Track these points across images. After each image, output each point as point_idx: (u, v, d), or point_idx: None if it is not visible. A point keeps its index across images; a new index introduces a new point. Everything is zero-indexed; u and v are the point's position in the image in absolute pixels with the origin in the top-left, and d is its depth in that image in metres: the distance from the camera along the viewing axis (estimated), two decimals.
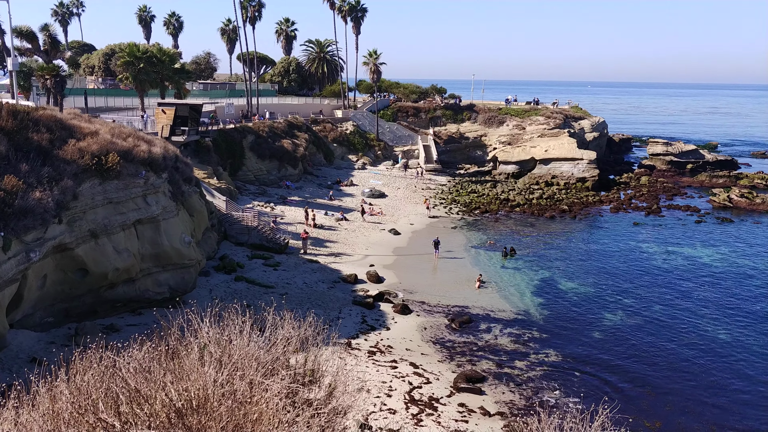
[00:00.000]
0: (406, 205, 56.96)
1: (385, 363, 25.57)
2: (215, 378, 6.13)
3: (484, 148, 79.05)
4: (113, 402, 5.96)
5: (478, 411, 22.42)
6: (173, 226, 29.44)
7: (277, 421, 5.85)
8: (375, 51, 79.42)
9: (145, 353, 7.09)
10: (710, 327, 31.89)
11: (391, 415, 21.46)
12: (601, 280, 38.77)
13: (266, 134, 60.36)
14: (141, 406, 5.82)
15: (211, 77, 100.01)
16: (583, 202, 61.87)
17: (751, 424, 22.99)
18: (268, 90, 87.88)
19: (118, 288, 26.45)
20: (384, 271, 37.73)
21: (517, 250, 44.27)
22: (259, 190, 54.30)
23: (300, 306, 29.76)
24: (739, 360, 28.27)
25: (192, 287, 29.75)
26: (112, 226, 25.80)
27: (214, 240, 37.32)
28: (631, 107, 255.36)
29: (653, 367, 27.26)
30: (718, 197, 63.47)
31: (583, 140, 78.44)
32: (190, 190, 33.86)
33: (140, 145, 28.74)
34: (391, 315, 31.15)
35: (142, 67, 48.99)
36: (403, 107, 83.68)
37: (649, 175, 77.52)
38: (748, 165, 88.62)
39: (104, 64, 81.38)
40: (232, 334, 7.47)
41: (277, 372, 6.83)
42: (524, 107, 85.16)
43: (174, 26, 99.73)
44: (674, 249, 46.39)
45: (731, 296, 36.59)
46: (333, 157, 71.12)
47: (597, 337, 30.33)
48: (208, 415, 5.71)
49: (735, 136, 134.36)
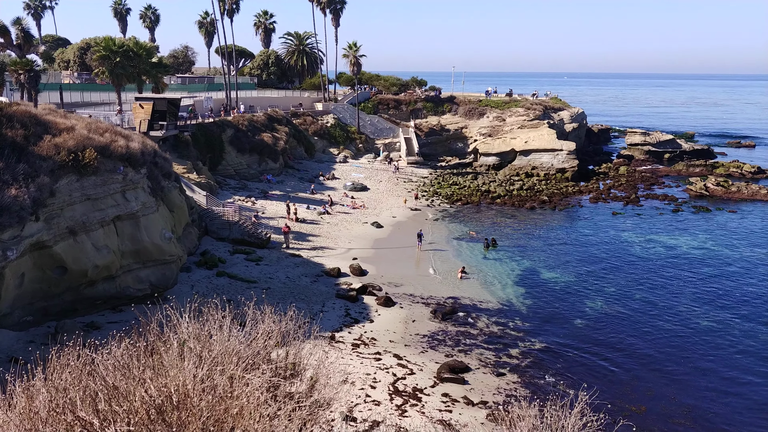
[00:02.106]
0: (388, 197, 56.98)
1: (369, 355, 25.63)
2: (195, 373, 6.10)
3: (465, 140, 79.25)
4: (91, 400, 5.90)
5: (462, 400, 22.58)
6: (153, 221, 29.16)
7: (258, 415, 5.84)
8: (355, 43, 79.17)
9: (123, 350, 7.02)
10: (690, 313, 32.39)
11: (375, 406, 21.53)
12: (582, 270, 39.17)
13: (246, 128, 59.95)
14: (120, 403, 5.77)
15: (189, 71, 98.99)
16: (562, 193, 62.36)
17: (732, 406, 23.42)
18: (248, 83, 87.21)
19: (98, 285, 26.15)
20: (367, 264, 37.75)
21: (498, 241, 44.53)
22: (240, 184, 53.96)
23: (283, 300, 29.69)
24: (718, 344, 28.75)
25: (173, 283, 29.53)
26: (90, 222, 25.49)
27: (194, 235, 37.05)
28: (610, 98, 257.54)
29: (635, 353, 27.64)
30: (695, 186, 64.34)
31: (563, 131, 78.95)
32: (170, 186, 33.54)
33: (118, 140, 28.37)
34: (375, 307, 31.20)
35: (118, 61, 48.31)
36: (384, 100, 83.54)
37: (628, 164, 78.35)
38: (723, 154, 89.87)
39: (79, 58, 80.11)
40: (213, 329, 7.44)
41: (258, 366, 6.82)
42: (504, 99, 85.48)
43: (150, 19, 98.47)
44: (653, 238, 46.99)
45: (710, 283, 37.17)
46: (314, 151, 70.84)
47: (579, 325, 30.66)
48: (188, 410, 5.67)
49: (711, 126, 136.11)
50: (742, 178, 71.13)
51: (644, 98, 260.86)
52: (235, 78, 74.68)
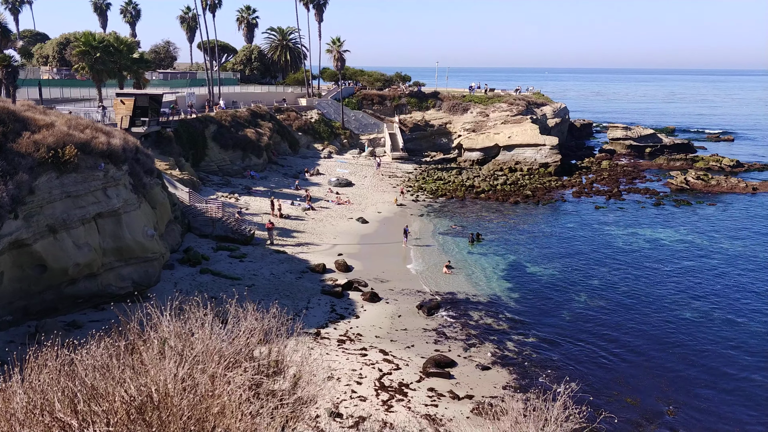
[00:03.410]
0: (373, 193, 56.92)
1: (355, 351, 25.61)
2: (176, 372, 6.03)
3: (449, 135, 79.38)
4: (70, 400, 5.80)
5: (448, 395, 22.65)
6: (135, 219, 28.87)
7: (240, 413, 5.78)
8: (338, 38, 78.89)
9: (103, 349, 6.92)
10: (674, 305, 32.74)
11: (361, 402, 21.52)
12: (567, 263, 39.43)
13: (229, 124, 59.53)
14: (99, 403, 5.68)
15: (171, 66, 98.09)
16: (546, 187, 62.69)
17: (717, 395, 23.73)
18: (230, 79, 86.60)
19: (80, 283, 25.85)
20: (352, 259, 37.69)
21: (483, 235, 44.70)
22: (223, 180, 53.60)
23: (268, 297, 29.56)
24: (703, 335, 29.06)
25: (156, 281, 29.28)
26: (71, 220, 25.17)
27: (177, 232, 36.75)
28: (592, 93, 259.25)
29: (621, 345, 27.87)
30: (676, 180, 65.00)
31: (546, 126, 79.33)
32: (152, 182, 33.21)
33: (99, 136, 28.01)
34: (361, 303, 31.17)
35: (98, 57, 47.69)
36: (368, 95, 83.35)
37: (610, 159, 78.96)
38: (703, 148, 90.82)
39: (59, 53, 79.05)
40: (194, 327, 7.36)
41: (240, 364, 6.76)
42: (487, 94, 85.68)
43: (131, 14, 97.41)
44: (636, 231, 47.41)
45: (691, 275, 37.59)
46: (298, 146, 70.55)
47: (565, 317, 30.87)
48: (169, 410, 5.60)
49: (692, 121, 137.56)
50: (721, 171, 72.03)
51: (625, 93, 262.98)
52: (218, 73, 74.09)
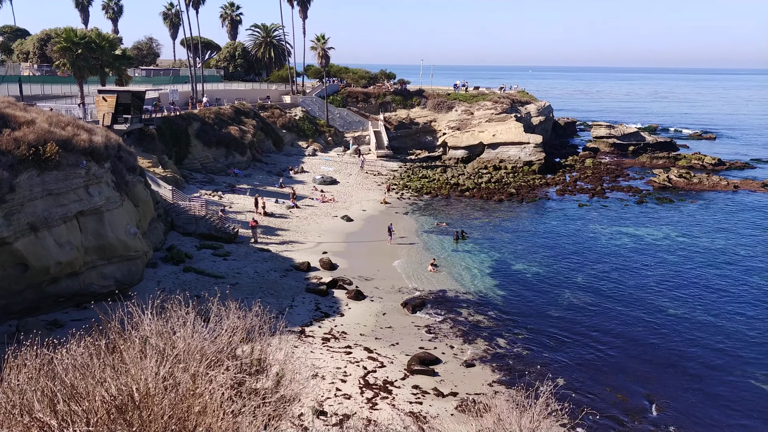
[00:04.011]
0: (358, 191, 56.88)
1: (340, 349, 25.60)
2: (157, 371, 5.99)
3: (434, 133, 79.54)
4: (49, 400, 5.74)
5: (432, 392, 22.72)
6: (118, 217, 28.59)
7: (221, 412, 5.76)
8: (323, 35, 78.72)
9: (83, 348, 6.86)
10: (657, 302, 33.10)
11: (346, 400, 21.53)
12: (551, 261, 39.69)
13: (212, 121, 59.15)
14: (79, 403, 5.63)
15: (153, 63, 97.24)
16: (530, 185, 63.04)
17: (701, 392, 24.03)
18: (214, 76, 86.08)
19: (62, 282, 25.56)
20: (337, 258, 37.64)
21: (468, 233, 44.85)
22: (207, 178, 53.27)
23: (252, 295, 29.47)
24: (685, 331, 29.41)
25: (139, 279, 29.04)
26: (52, 218, 24.87)
27: (160, 230, 36.48)
28: (576, 91, 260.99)
29: (604, 342, 28.10)
30: (659, 178, 65.69)
31: (530, 124, 79.75)
32: (135, 180, 32.92)
33: (80, 134, 27.69)
34: (345, 301, 31.15)
35: (80, 53, 47.11)
36: (353, 93, 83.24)
37: (593, 157, 79.53)
38: (686, 147, 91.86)
39: (39, 50, 78.03)
40: (176, 325, 7.31)
41: (223, 363, 6.73)
42: (472, 92, 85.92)
43: (113, 10, 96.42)
44: (619, 229, 47.84)
45: (675, 271, 38.03)
46: (282, 144, 70.28)
47: (550, 314, 31.08)
48: (150, 409, 5.56)
49: (674, 119, 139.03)
50: (703, 169, 72.90)
51: (609, 92, 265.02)
52: (201, 70, 73.58)
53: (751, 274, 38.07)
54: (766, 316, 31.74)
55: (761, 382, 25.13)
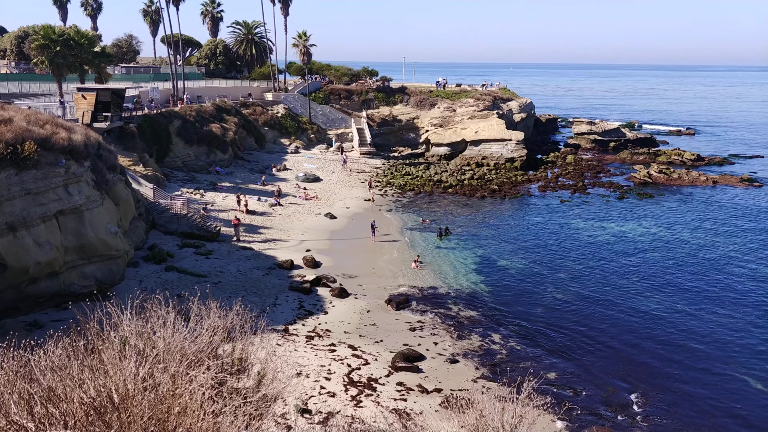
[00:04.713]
0: (341, 188, 56.79)
1: (324, 347, 25.57)
2: (136, 372, 5.93)
3: (417, 130, 79.61)
4: (26, 402, 5.66)
5: (416, 389, 22.78)
6: (98, 216, 28.29)
7: (202, 412, 5.72)
8: (305, 33, 78.37)
9: (61, 350, 6.77)
10: (639, 296, 33.48)
11: (330, 398, 21.52)
12: (534, 256, 39.95)
13: (194, 119, 58.69)
14: (56, 405, 5.56)
15: (133, 61, 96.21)
16: (512, 182, 63.37)
17: (684, 386, 24.35)
18: (195, 73, 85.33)
19: (41, 282, 25.24)
20: (321, 255, 37.57)
21: (451, 230, 44.99)
22: (188, 176, 52.86)
23: (234, 294, 29.32)
24: (667, 324, 29.77)
25: (120, 279, 28.77)
26: (31, 218, 24.54)
27: (142, 229, 36.16)
28: (558, 88, 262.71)
29: (587, 336, 28.35)
30: (639, 174, 66.36)
31: (512, 121, 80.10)
32: (115, 179, 32.59)
33: (59, 132, 27.35)
34: (329, 299, 31.11)
35: (58, 51, 46.51)
36: (336, 90, 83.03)
37: (575, 153, 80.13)
38: (665, 143, 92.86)
39: (17, 47, 76.81)
40: (156, 325, 7.25)
41: (203, 363, 6.68)
42: (454, 89, 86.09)
43: (92, 7, 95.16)
44: (601, 224, 48.27)
45: (655, 266, 38.45)
46: (264, 141, 69.92)
47: (532, 310, 31.27)
48: (129, 410, 5.51)
49: (654, 116, 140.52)
50: (683, 165, 73.72)
51: (589, 88, 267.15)
52: (182, 68, 72.95)
53: (731, 266, 38.64)
54: (744, 307, 32.24)
55: (742, 373, 25.52)
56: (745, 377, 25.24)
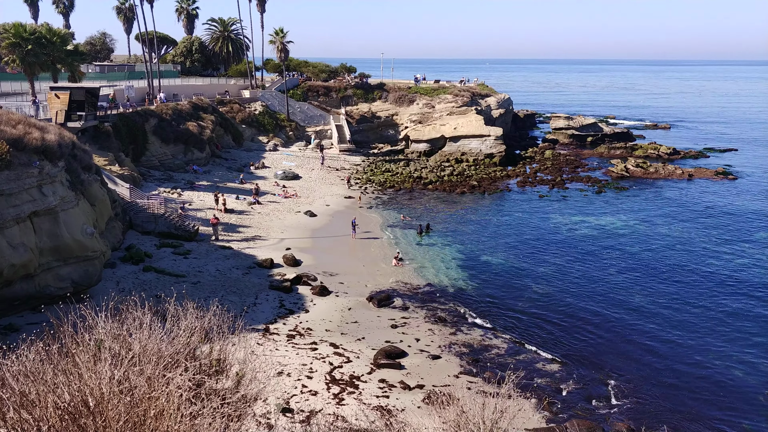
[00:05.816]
0: (321, 186, 56.57)
1: (305, 345, 25.46)
2: (111, 375, 5.81)
3: (396, 127, 79.59)
4: None
5: (399, 385, 22.78)
6: (73, 216, 27.84)
7: (179, 414, 5.63)
8: (282, 29, 77.92)
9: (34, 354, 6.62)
10: (619, 289, 33.88)
11: (312, 396, 21.42)
12: (515, 251, 40.18)
13: (170, 117, 58.03)
14: (29, 410, 5.43)
15: (107, 59, 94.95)
16: (491, 178, 63.66)
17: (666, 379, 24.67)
18: (171, 71, 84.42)
19: (16, 285, 24.78)
20: (301, 253, 37.40)
21: (431, 226, 45.05)
22: (165, 175, 52.27)
23: (213, 294, 29.07)
24: (647, 317, 30.14)
25: (97, 280, 28.35)
26: (4, 219, 24.06)
27: (118, 230, 35.67)
28: (535, 84, 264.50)
29: (568, 330, 28.58)
30: (616, 168, 67.07)
31: (490, 117, 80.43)
32: (90, 179, 32.09)
33: (32, 132, 26.86)
34: (310, 297, 30.97)
35: (30, 49, 45.66)
36: (314, 86, 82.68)
37: (553, 148, 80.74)
38: (642, 137, 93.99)
39: None
40: (132, 327, 7.12)
41: (180, 364, 6.58)
42: (432, 85, 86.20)
43: (64, 5, 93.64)
44: (580, 219, 48.70)
45: (634, 259, 38.90)
46: (242, 139, 69.41)
47: (513, 305, 31.44)
48: (104, 414, 5.40)
49: (630, 110, 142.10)
50: (659, 159, 74.74)
51: (567, 84, 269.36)
52: (158, 66, 72.07)
53: (707, 258, 39.23)
54: (721, 297, 32.75)
55: (721, 361, 25.93)
56: (724, 364, 25.66)
